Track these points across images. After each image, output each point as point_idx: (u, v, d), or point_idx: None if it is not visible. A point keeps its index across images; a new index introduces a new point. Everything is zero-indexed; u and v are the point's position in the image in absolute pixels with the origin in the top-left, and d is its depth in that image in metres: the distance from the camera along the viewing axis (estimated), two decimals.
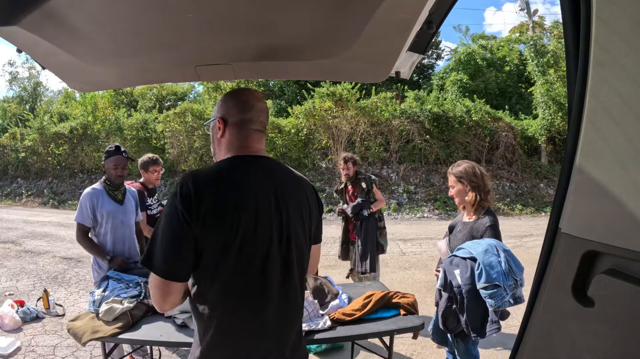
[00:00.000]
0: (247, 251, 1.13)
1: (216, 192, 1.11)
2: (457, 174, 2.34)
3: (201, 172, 1.16)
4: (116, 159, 2.79)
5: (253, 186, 1.16)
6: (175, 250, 1.09)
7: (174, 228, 1.08)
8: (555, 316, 0.74)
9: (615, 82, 0.62)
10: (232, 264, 1.13)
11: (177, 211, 1.08)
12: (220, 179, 1.15)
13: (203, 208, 1.08)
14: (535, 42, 13.29)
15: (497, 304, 1.89)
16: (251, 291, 1.16)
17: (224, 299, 1.15)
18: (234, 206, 1.11)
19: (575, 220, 0.70)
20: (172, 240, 1.09)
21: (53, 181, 14.11)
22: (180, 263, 1.10)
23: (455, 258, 2.11)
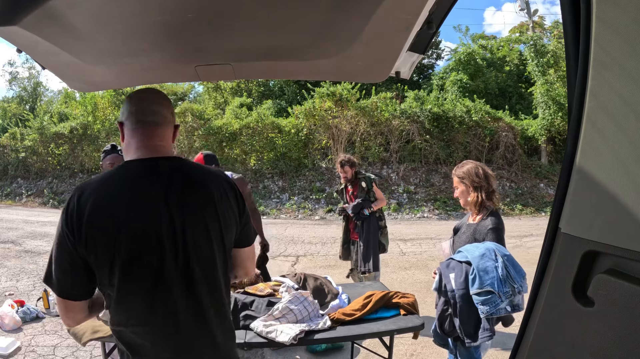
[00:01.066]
0: (136, 271, 1.06)
1: (95, 206, 1.03)
2: (459, 175, 2.31)
3: (88, 184, 1.09)
4: (112, 157, 2.79)
5: (138, 196, 1.07)
6: (64, 271, 1.06)
7: (61, 249, 1.06)
8: (555, 316, 0.74)
9: (615, 82, 0.62)
10: (122, 285, 1.06)
11: (62, 231, 1.05)
12: (101, 191, 1.06)
13: (84, 226, 1.02)
14: (535, 42, 13.29)
15: (490, 311, 1.82)
16: (150, 315, 1.09)
17: (125, 321, 1.11)
18: (113, 220, 1.04)
19: (575, 220, 0.70)
20: (61, 262, 1.07)
21: (53, 181, 14.10)
22: (73, 284, 1.07)
23: (452, 262, 2.06)
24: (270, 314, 2.21)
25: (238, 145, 12.78)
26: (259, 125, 12.65)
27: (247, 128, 12.72)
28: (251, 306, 2.33)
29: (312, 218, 10.85)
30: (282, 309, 2.21)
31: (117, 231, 1.04)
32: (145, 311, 1.09)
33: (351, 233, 4.15)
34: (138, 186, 1.09)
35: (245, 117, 13.14)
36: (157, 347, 1.11)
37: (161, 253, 1.07)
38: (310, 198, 11.64)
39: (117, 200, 1.06)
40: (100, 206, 1.04)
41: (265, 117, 12.87)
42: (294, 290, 2.50)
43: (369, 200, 3.94)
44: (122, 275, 1.05)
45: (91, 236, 1.03)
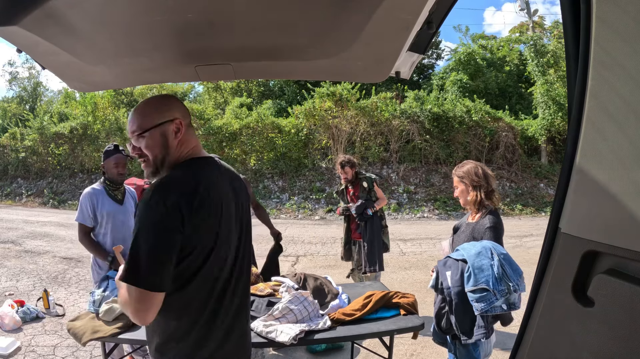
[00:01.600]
0: (219, 252, 1.18)
1: (197, 197, 1.12)
2: (459, 174, 2.34)
3: (173, 175, 1.18)
4: (116, 157, 2.79)
5: (219, 186, 1.21)
6: (163, 262, 1.08)
7: (165, 239, 1.08)
8: (555, 316, 0.74)
9: (615, 82, 0.62)
10: (208, 269, 1.17)
11: (170, 222, 1.08)
12: (197, 184, 1.15)
13: (193, 215, 1.10)
14: (535, 42, 13.29)
15: (485, 309, 1.83)
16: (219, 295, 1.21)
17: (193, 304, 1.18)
18: (210, 210, 1.15)
19: (575, 220, 0.70)
20: (161, 253, 1.08)
21: (53, 181, 14.10)
22: (167, 275, 1.10)
23: (449, 260, 2.08)
24: (270, 314, 2.21)
25: (238, 145, 12.78)
26: (259, 125, 12.66)
27: (247, 128, 12.72)
28: (251, 306, 2.33)
29: (312, 218, 10.85)
30: (282, 309, 2.21)
31: (217, 214, 1.17)
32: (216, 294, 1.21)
33: (352, 233, 4.14)
34: (220, 178, 1.24)
35: (245, 117, 13.14)
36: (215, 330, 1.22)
37: (232, 240, 1.24)
38: (310, 198, 11.64)
39: (212, 187, 1.18)
40: (203, 190, 1.14)
41: (265, 117, 12.87)
42: (294, 290, 2.50)
43: (372, 200, 3.95)
44: (213, 254, 1.16)
45: (200, 217, 1.12)
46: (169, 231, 1.08)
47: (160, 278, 1.08)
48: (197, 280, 1.16)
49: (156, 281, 1.07)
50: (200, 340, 1.19)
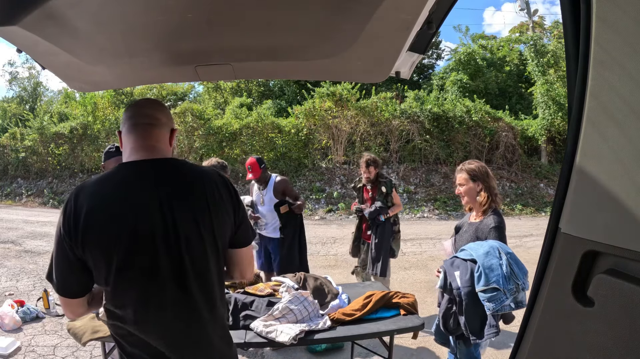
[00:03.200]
0: (130, 269, 1.10)
1: (92, 208, 1.07)
2: (470, 172, 2.25)
3: (84, 186, 1.14)
4: (118, 160, 2.76)
5: (132, 197, 1.11)
6: (63, 270, 1.12)
7: (60, 250, 1.10)
8: (555, 316, 0.74)
9: (615, 82, 0.62)
10: (118, 283, 1.11)
11: (60, 233, 1.09)
12: (97, 193, 1.11)
13: (81, 228, 1.06)
14: (535, 42, 13.29)
15: (496, 308, 1.84)
16: (143, 311, 1.13)
17: (121, 316, 1.15)
18: (109, 221, 1.08)
19: (575, 220, 0.70)
20: (59, 262, 1.12)
21: (53, 181, 14.10)
22: (72, 282, 1.13)
23: (456, 260, 2.08)
24: (270, 314, 2.21)
25: (238, 145, 12.77)
26: (259, 125, 12.65)
27: (247, 128, 12.71)
28: (251, 306, 2.33)
29: (312, 218, 10.85)
30: (282, 309, 2.21)
31: (113, 232, 1.08)
32: (140, 306, 1.13)
33: (363, 233, 4.15)
34: (133, 187, 1.13)
35: (245, 117, 13.13)
36: (151, 341, 1.14)
37: (154, 251, 1.11)
38: (310, 198, 11.64)
39: (113, 201, 1.10)
40: (97, 208, 1.08)
41: (265, 117, 12.86)
42: (294, 289, 2.50)
43: (387, 206, 3.90)
44: (118, 272, 1.09)
45: (88, 238, 1.07)
46: (62, 244, 1.14)
47: (65, 285, 1.14)
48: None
49: (61, 287, 1.14)
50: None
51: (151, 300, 1.13)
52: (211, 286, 1.20)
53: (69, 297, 1.15)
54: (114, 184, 1.13)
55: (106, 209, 1.09)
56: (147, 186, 1.13)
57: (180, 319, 1.16)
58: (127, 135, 1.21)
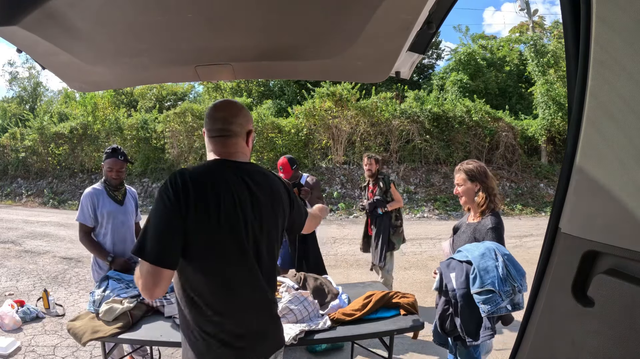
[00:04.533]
0: (225, 243, 1.25)
1: (200, 184, 1.22)
2: (468, 172, 2.24)
3: (185, 169, 1.28)
4: (110, 162, 2.78)
5: (227, 182, 1.27)
6: (165, 239, 1.18)
7: (166, 219, 1.19)
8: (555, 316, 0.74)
9: (615, 81, 0.62)
10: (212, 256, 1.24)
11: (166, 203, 1.19)
12: (204, 174, 1.27)
13: (191, 201, 1.19)
14: (535, 42, 13.30)
15: (491, 311, 1.82)
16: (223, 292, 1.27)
17: (204, 288, 1.26)
18: (216, 201, 1.23)
19: (575, 220, 0.70)
20: (163, 230, 1.19)
21: (53, 181, 14.10)
22: (171, 251, 1.19)
23: (452, 261, 2.05)
24: None
25: None
26: (259, 125, 12.65)
27: None
28: None
29: None
30: (282, 309, 2.21)
31: (216, 209, 1.23)
32: (222, 287, 1.27)
33: (368, 227, 4.43)
34: (227, 176, 1.29)
35: None
36: (228, 321, 1.28)
37: (245, 235, 1.27)
38: None
39: (215, 183, 1.25)
40: (203, 187, 1.23)
41: (265, 117, 12.87)
42: (294, 289, 2.50)
43: (385, 200, 4.18)
44: (212, 247, 1.24)
45: (196, 210, 1.20)
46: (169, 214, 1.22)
47: (163, 254, 1.19)
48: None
49: (159, 257, 1.18)
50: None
51: (233, 280, 1.27)
52: (275, 272, 1.41)
53: (164, 266, 1.18)
54: (212, 171, 1.29)
55: (210, 188, 1.23)
56: (237, 177, 1.30)
57: (254, 300, 1.33)
58: (208, 141, 1.40)
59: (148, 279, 1.19)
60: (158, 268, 1.17)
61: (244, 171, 1.34)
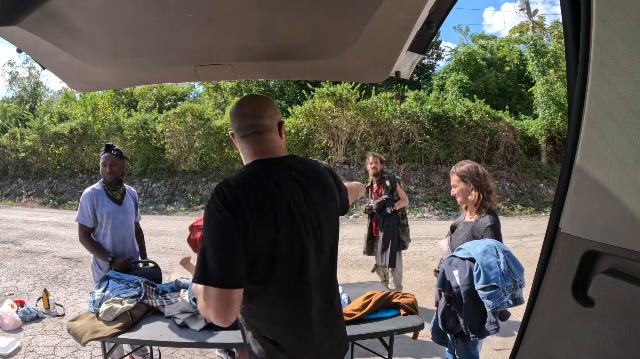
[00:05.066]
0: (288, 249, 1.18)
1: (252, 195, 1.14)
2: (460, 173, 2.35)
3: (230, 178, 1.19)
4: (105, 157, 2.82)
5: (283, 187, 1.19)
6: (229, 259, 1.09)
7: (226, 238, 1.09)
8: (555, 316, 0.74)
9: (615, 81, 0.62)
10: (274, 266, 1.16)
11: (226, 220, 1.09)
12: (249, 183, 1.18)
13: (247, 213, 1.11)
14: (535, 42, 13.30)
15: (495, 306, 1.88)
16: (293, 289, 1.21)
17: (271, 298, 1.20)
18: (271, 207, 1.15)
19: (575, 220, 0.70)
20: (225, 251, 1.09)
21: (53, 181, 14.10)
22: (237, 270, 1.10)
23: (454, 259, 2.10)
24: None
25: None
26: None
27: None
28: None
29: None
30: None
31: (273, 218, 1.15)
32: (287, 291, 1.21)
33: (373, 229, 4.35)
34: (276, 178, 1.20)
35: None
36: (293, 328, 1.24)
37: (305, 237, 1.21)
38: None
39: (268, 187, 1.17)
40: (256, 197, 1.14)
41: None
42: None
43: (393, 199, 4.15)
44: (275, 256, 1.16)
45: (257, 223, 1.12)
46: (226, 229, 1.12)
47: (231, 274, 1.10)
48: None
49: (228, 278, 1.09)
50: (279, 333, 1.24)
51: (296, 288, 1.21)
52: (335, 272, 1.36)
53: (234, 287, 1.08)
54: (259, 175, 1.20)
55: (263, 195, 1.15)
56: (286, 176, 1.22)
57: (319, 306, 1.27)
58: (240, 141, 1.30)
59: (219, 304, 1.08)
60: (227, 290, 1.07)
61: (290, 167, 1.25)
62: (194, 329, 2.16)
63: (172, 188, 12.82)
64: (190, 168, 12.96)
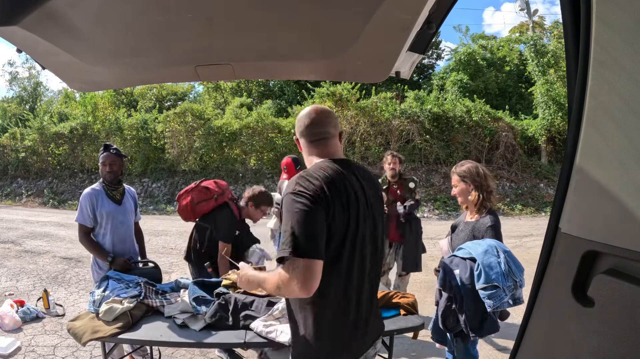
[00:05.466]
0: (355, 236, 1.33)
1: (331, 181, 1.30)
2: (460, 173, 2.36)
3: (309, 169, 1.37)
4: (104, 157, 2.83)
5: (352, 181, 1.37)
6: (317, 235, 1.24)
7: (313, 217, 1.23)
8: (555, 316, 0.74)
9: (615, 81, 0.62)
10: (343, 252, 1.31)
11: (310, 200, 1.24)
12: (327, 173, 1.33)
13: (329, 199, 1.26)
14: (535, 42, 13.29)
15: (496, 305, 1.89)
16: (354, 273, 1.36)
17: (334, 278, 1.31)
18: (346, 198, 1.31)
19: (575, 220, 0.70)
20: (314, 227, 1.23)
21: (53, 181, 14.10)
22: (321, 243, 1.24)
23: (455, 258, 2.11)
24: (270, 314, 2.21)
25: (238, 145, 12.77)
26: (259, 125, 12.65)
27: (247, 128, 12.71)
28: (251, 306, 2.33)
29: None
30: (282, 309, 2.21)
31: (346, 205, 1.31)
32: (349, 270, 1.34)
33: (392, 233, 4.00)
34: (345, 172, 1.37)
35: (245, 117, 13.14)
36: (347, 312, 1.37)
37: (365, 226, 1.37)
38: None
39: (340, 180, 1.32)
40: (334, 183, 1.30)
41: (265, 117, 12.86)
42: None
43: (419, 202, 3.98)
44: (345, 239, 1.31)
45: (335, 206, 1.27)
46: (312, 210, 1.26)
47: (319, 247, 1.24)
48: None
49: (316, 251, 1.23)
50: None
51: (354, 273, 1.36)
52: (381, 262, 1.53)
53: (320, 258, 1.22)
54: (332, 170, 1.34)
55: (340, 186, 1.31)
56: (351, 174, 1.38)
57: (368, 292, 1.43)
58: (309, 145, 1.50)
59: (306, 275, 1.21)
60: (314, 261, 1.21)
61: (352, 167, 1.42)
62: (194, 329, 2.17)
63: (172, 188, 12.82)
64: (190, 168, 12.96)
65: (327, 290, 1.30)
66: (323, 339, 1.36)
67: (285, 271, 1.23)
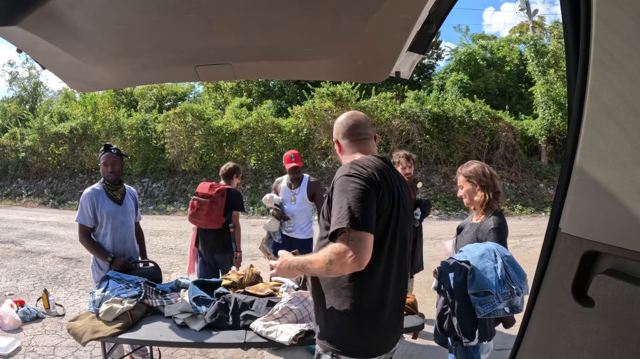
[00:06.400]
0: (396, 222, 1.46)
1: (377, 170, 1.43)
2: (466, 174, 2.31)
3: (358, 160, 1.49)
4: (105, 157, 2.83)
5: (391, 175, 1.50)
6: (372, 213, 1.35)
7: (369, 197, 1.35)
8: (555, 316, 0.74)
9: (616, 81, 0.62)
10: (384, 240, 1.43)
11: (365, 183, 1.37)
12: (373, 163, 1.48)
13: (379, 185, 1.39)
14: (535, 42, 13.28)
15: (487, 312, 1.82)
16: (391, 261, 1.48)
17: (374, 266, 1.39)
18: (387, 183, 1.44)
19: (575, 220, 0.70)
20: (369, 207, 1.34)
21: (53, 181, 14.10)
22: (373, 220, 1.35)
23: (452, 261, 2.05)
24: (270, 315, 2.21)
25: (238, 145, 12.77)
26: (259, 125, 12.65)
27: (247, 128, 12.71)
28: (251, 306, 2.33)
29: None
30: (282, 309, 2.21)
31: (389, 193, 1.44)
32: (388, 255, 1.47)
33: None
34: (385, 166, 1.51)
35: (245, 117, 13.13)
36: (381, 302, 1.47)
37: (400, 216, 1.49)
38: None
39: (384, 172, 1.46)
40: (379, 173, 1.44)
41: (265, 117, 12.86)
42: (294, 290, 2.50)
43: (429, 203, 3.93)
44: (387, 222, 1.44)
45: (382, 192, 1.41)
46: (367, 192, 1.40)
47: (373, 223, 1.35)
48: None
49: (371, 225, 1.34)
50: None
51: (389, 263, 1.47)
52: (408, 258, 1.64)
53: (373, 233, 1.33)
54: (376, 163, 1.48)
55: (386, 176, 1.45)
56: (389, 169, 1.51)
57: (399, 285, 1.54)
58: (350, 144, 1.64)
59: (360, 246, 1.28)
60: (368, 234, 1.30)
61: (390, 164, 1.57)
62: (194, 329, 2.17)
63: (172, 188, 12.82)
64: (190, 168, 12.96)
65: (370, 270, 1.38)
66: (364, 327, 1.45)
67: (339, 244, 1.30)
